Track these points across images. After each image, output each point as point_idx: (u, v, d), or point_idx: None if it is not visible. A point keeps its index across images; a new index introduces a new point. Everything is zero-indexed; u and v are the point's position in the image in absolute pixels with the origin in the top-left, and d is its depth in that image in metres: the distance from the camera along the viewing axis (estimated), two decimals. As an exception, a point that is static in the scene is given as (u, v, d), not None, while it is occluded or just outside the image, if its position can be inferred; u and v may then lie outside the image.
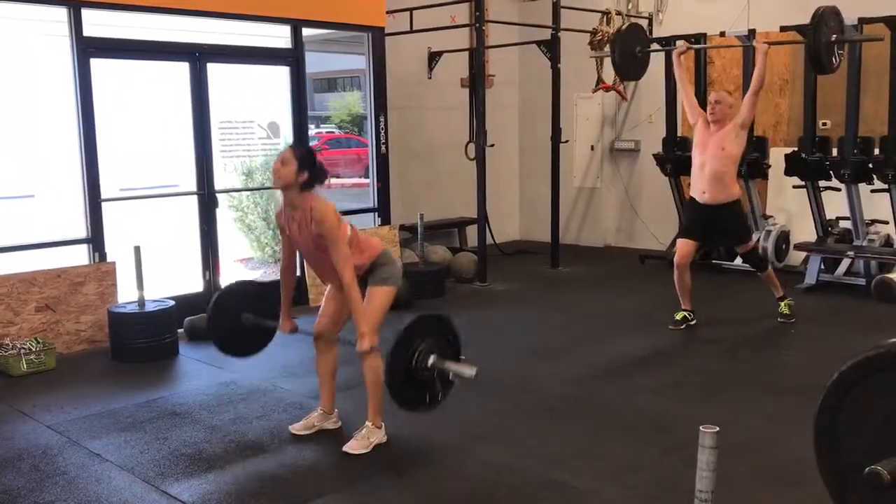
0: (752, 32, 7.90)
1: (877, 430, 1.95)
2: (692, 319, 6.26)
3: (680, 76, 6.45)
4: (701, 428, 2.30)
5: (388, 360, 3.70)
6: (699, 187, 6.04)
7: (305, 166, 3.88)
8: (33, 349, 5.31)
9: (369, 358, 3.98)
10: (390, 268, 4.08)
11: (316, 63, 9.69)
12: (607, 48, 8.69)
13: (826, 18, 5.32)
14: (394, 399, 3.78)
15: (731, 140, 5.88)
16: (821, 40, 5.25)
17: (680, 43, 6.15)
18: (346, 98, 13.23)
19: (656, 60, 9.12)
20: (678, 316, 6.27)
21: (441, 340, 3.87)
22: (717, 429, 2.27)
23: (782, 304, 6.22)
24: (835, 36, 5.21)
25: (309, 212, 3.87)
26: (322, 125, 13.23)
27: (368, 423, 4.06)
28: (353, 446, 3.98)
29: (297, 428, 4.28)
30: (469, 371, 3.79)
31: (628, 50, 6.52)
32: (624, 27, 6.68)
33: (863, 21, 7.06)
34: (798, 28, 7.48)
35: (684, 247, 6.14)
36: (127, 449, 4.07)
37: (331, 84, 14.98)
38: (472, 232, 9.11)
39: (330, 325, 4.23)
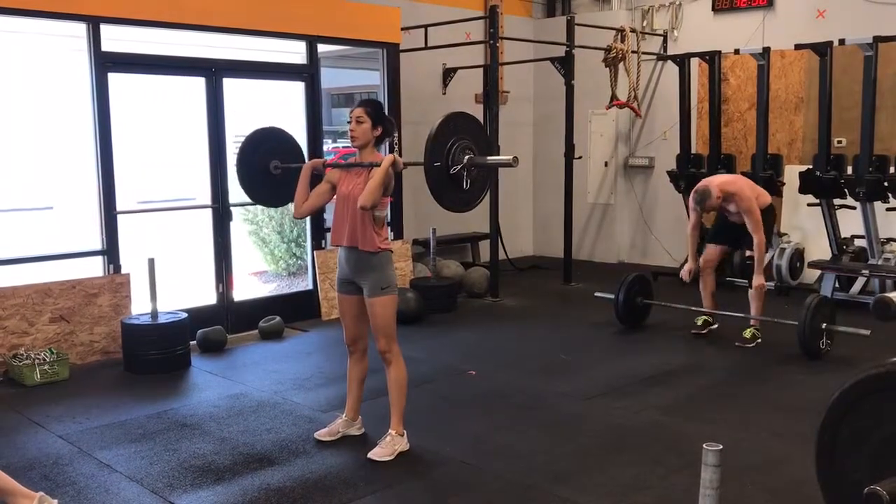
0: (766, 50, 7.90)
1: (877, 450, 1.93)
2: (714, 324, 6.34)
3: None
4: (704, 445, 2.29)
5: (426, 163, 3.80)
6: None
7: (379, 121, 4.02)
8: (47, 359, 5.36)
9: (394, 362, 4.08)
10: (389, 273, 4.10)
11: (333, 78, 9.77)
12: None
13: (820, 307, 5.77)
14: (438, 202, 3.93)
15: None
16: (810, 326, 5.72)
17: (684, 272, 6.34)
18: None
19: (671, 76, 9.15)
20: (699, 321, 6.34)
21: (471, 137, 3.98)
22: (721, 446, 2.26)
23: (748, 329, 6.12)
24: (825, 325, 5.77)
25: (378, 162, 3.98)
26: (339, 139, 13.31)
27: (392, 432, 4.12)
28: (378, 453, 4.04)
29: (322, 434, 4.34)
30: (507, 159, 3.89)
31: (632, 300, 6.75)
32: (631, 277, 6.80)
33: (878, 39, 7.04)
34: (812, 46, 7.49)
35: (710, 250, 6.32)
36: (136, 460, 4.10)
37: (349, 99, 15.10)
38: (485, 247, 9.12)
39: (358, 332, 4.25)
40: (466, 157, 3.95)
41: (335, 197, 4.19)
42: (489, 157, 4.03)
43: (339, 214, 4.12)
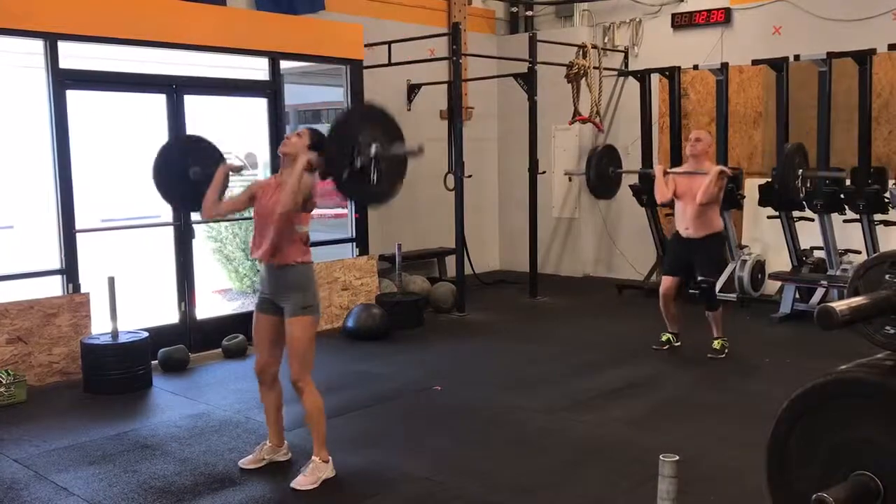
0: (724, 66, 8.04)
1: (825, 458, 1.97)
2: (676, 342, 6.40)
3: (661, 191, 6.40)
4: (661, 457, 2.31)
5: (328, 165, 3.78)
6: (682, 224, 6.19)
7: (315, 147, 4.01)
8: (4, 381, 5.25)
9: (306, 391, 3.96)
10: (312, 293, 4.04)
11: (300, 94, 9.73)
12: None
13: (793, 156, 5.83)
14: (350, 198, 3.81)
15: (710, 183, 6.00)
16: (789, 175, 5.79)
17: (657, 168, 6.45)
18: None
19: (633, 91, 9.27)
20: (663, 337, 6.41)
21: (376, 124, 3.94)
22: (677, 457, 2.29)
23: (716, 341, 6.23)
24: (801, 171, 5.76)
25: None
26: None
27: (315, 458, 3.97)
28: (301, 482, 3.89)
29: (245, 462, 4.21)
30: (414, 147, 3.85)
31: (603, 171, 6.71)
32: (600, 148, 6.83)
33: (831, 56, 7.20)
34: (769, 62, 7.64)
35: (667, 281, 6.32)
36: (95, 483, 4.02)
37: (315, 115, 15.06)
38: (451, 262, 9.12)
39: (270, 359, 4.18)
40: (373, 148, 3.86)
41: (254, 210, 4.12)
42: (395, 148, 3.97)
43: (259, 229, 4.06)
